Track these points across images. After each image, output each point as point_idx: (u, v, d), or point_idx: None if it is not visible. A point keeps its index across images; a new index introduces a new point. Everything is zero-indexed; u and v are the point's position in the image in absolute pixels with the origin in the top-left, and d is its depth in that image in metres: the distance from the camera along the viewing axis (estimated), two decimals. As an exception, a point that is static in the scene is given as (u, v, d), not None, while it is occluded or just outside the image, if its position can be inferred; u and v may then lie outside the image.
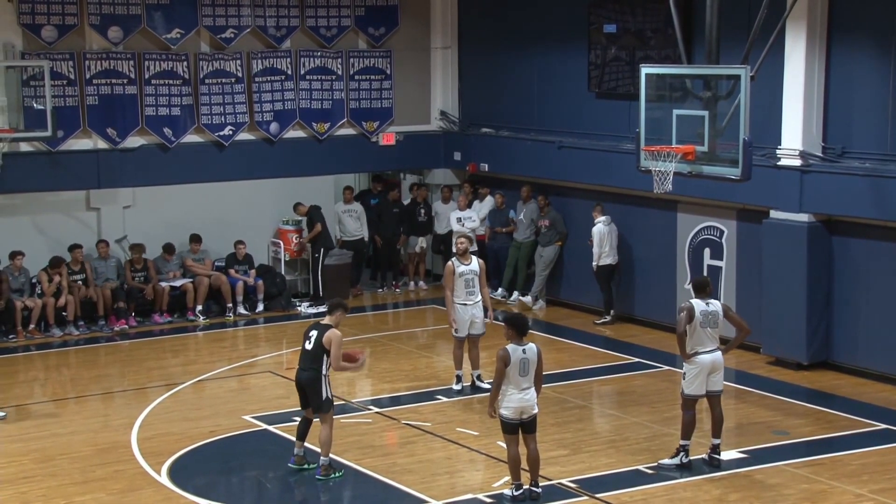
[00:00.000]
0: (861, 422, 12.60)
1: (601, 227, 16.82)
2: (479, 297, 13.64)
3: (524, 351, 10.22)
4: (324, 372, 10.85)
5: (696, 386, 11.13)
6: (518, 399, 10.22)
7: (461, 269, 13.55)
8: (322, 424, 11.00)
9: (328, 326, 10.90)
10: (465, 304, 13.62)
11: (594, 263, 16.94)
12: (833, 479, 10.95)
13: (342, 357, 10.86)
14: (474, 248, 13.96)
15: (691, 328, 11.03)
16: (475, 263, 13.65)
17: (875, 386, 13.85)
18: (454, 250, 14.27)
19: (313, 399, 10.94)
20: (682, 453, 11.19)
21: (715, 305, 11.24)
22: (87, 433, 12.56)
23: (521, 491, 10.39)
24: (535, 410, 10.33)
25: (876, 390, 13.71)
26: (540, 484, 10.50)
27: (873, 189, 13.45)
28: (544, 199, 18.01)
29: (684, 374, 11.21)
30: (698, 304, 11.12)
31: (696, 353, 11.09)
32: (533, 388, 10.27)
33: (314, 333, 10.93)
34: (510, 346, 10.22)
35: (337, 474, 11.07)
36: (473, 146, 19.30)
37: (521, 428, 10.32)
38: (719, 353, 11.20)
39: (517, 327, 10.30)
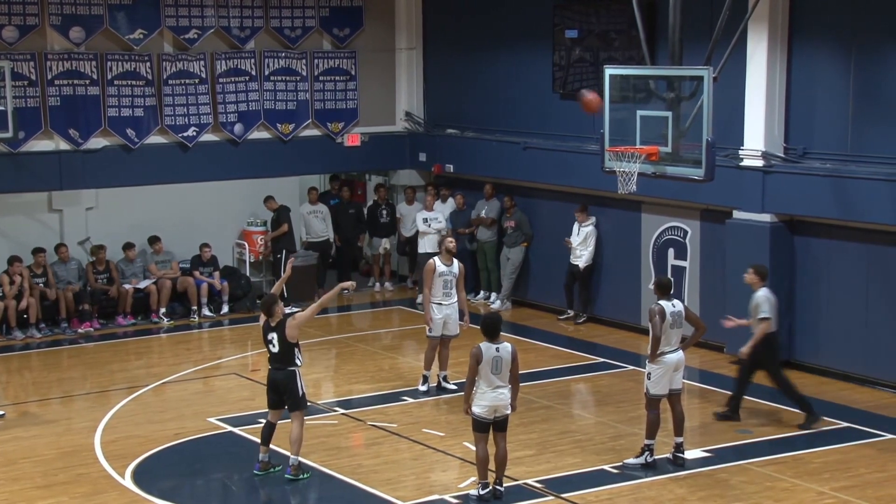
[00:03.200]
0: (822, 420, 12.70)
1: (592, 228, 16.89)
2: (456, 300, 13.65)
3: (497, 349, 10.29)
4: (298, 364, 10.90)
5: (661, 386, 11.22)
6: (491, 397, 10.27)
7: (441, 269, 13.54)
8: (293, 422, 11.00)
9: (281, 322, 10.92)
10: (441, 305, 13.60)
11: (586, 265, 16.93)
12: (795, 477, 11.04)
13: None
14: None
15: (662, 330, 11.11)
16: (456, 266, 13.64)
17: (836, 385, 13.98)
18: (439, 249, 14.23)
19: (290, 397, 10.95)
20: (646, 452, 11.25)
21: (679, 305, 11.39)
22: (50, 437, 12.45)
23: (487, 490, 10.42)
24: (508, 410, 10.38)
25: (837, 389, 13.84)
26: (504, 484, 10.53)
27: (834, 189, 13.58)
28: (510, 200, 18.04)
29: (649, 374, 11.28)
30: (667, 306, 11.21)
31: (663, 353, 11.18)
32: (507, 388, 10.32)
33: (273, 336, 10.95)
34: (483, 345, 10.31)
35: (305, 475, 11.05)
36: (439, 147, 19.30)
37: (492, 426, 10.36)
38: (681, 351, 11.33)
39: (488, 327, 10.39)
